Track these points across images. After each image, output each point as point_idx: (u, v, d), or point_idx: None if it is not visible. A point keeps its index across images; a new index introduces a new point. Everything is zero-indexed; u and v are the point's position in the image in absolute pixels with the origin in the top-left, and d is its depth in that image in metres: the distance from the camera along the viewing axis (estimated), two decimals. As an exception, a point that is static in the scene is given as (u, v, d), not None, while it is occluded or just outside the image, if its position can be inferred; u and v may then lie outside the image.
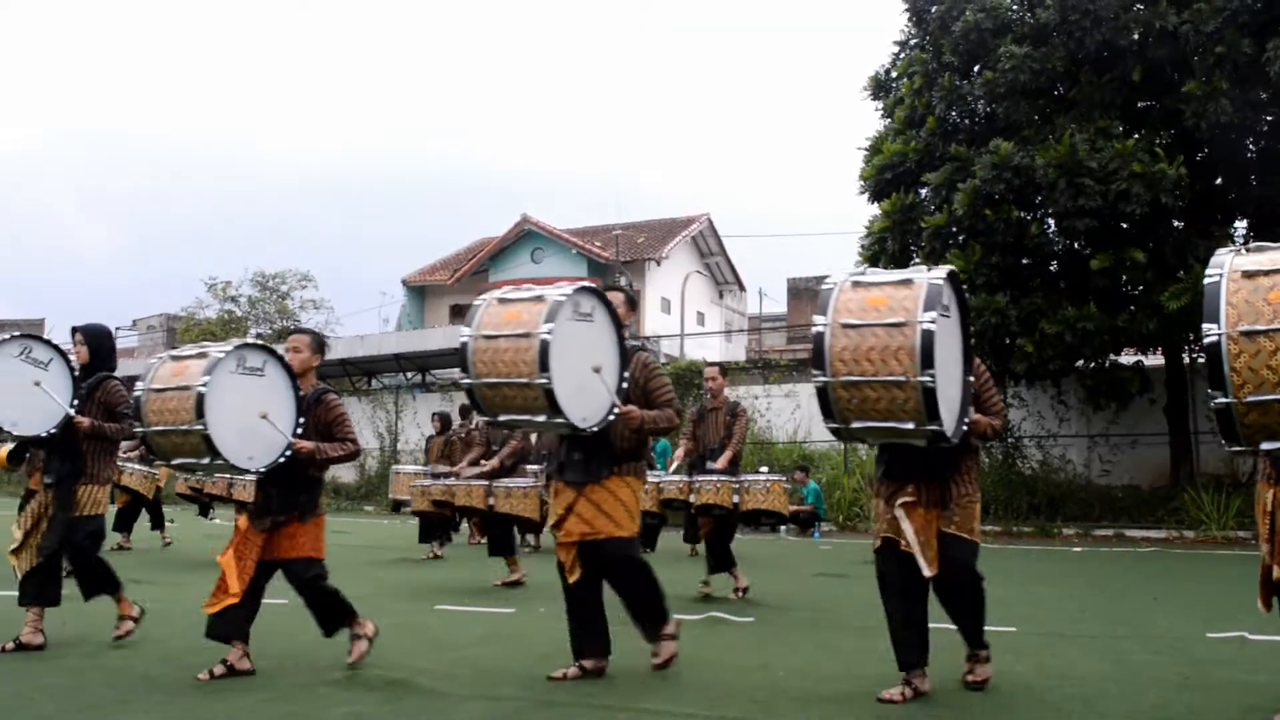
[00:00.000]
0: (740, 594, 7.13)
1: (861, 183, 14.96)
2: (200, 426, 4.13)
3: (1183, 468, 13.77)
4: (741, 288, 37.01)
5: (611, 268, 27.36)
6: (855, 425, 3.70)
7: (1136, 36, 12.35)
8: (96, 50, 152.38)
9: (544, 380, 3.90)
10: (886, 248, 14.29)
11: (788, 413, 17.44)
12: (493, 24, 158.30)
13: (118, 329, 40.54)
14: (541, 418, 4.05)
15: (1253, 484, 13.17)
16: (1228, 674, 4.65)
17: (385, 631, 5.80)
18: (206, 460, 4.29)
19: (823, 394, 3.68)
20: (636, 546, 4.52)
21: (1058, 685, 4.41)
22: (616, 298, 4.53)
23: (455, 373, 23.68)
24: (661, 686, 4.37)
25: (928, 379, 3.49)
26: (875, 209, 14.76)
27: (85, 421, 5.14)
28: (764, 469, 14.95)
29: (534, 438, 8.50)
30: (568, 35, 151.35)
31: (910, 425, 3.58)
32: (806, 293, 37.74)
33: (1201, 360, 14.40)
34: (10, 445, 7.97)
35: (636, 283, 28.95)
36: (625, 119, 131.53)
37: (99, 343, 5.53)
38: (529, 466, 8.88)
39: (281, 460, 4.43)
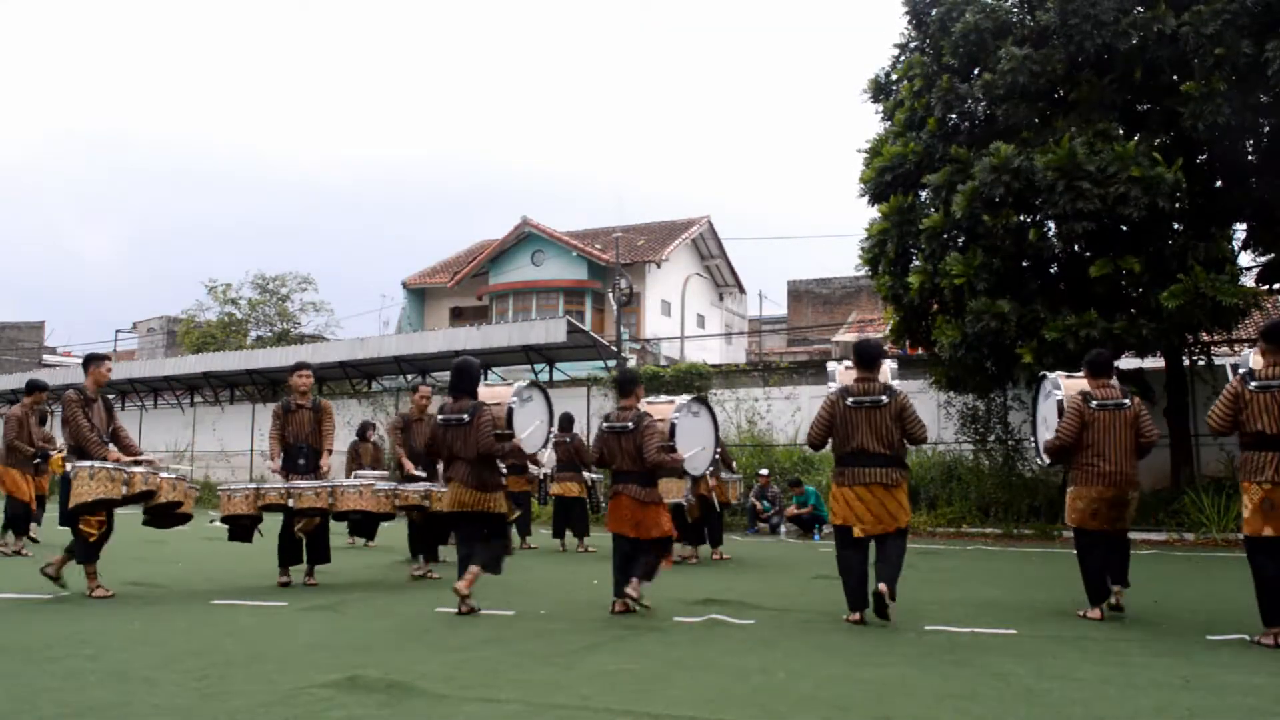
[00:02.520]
0: (416, 578, 8.54)
1: (861, 185, 14.94)
2: None
3: (1183, 470, 13.74)
4: (741, 290, 37.02)
5: (612, 270, 27.33)
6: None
7: (1136, 40, 12.33)
8: (98, 53, 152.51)
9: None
10: (886, 250, 14.29)
11: (788, 415, 17.41)
12: (493, 28, 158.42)
13: (118, 331, 40.58)
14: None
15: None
16: (1228, 676, 4.66)
17: (386, 633, 5.81)
18: None
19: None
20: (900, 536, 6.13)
21: (1059, 687, 4.42)
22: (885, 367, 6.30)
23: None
24: (661, 689, 4.38)
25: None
26: (875, 212, 14.75)
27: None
28: (764, 471, 15.13)
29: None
30: (568, 38, 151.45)
31: None
32: (806, 295, 37.81)
33: (1201, 363, 14.51)
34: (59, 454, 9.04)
35: (636, 285, 28.95)
36: (626, 121, 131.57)
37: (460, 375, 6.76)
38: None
39: None
